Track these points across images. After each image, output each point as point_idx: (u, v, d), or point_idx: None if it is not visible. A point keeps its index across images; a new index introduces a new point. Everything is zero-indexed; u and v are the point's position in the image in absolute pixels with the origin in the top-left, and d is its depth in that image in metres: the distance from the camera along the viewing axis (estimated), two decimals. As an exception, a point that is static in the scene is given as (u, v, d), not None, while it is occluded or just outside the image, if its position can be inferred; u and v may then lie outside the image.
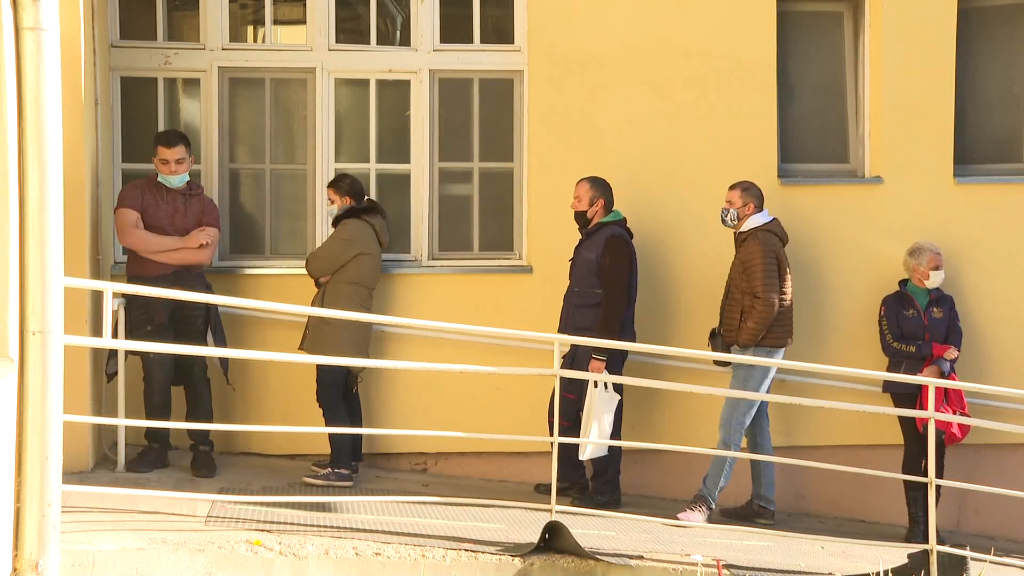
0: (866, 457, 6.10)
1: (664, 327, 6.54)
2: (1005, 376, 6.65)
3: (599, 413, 5.71)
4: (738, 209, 6.17)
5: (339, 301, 5.84)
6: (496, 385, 6.43)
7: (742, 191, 6.17)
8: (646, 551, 4.97)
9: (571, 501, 5.92)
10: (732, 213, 6.18)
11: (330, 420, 5.96)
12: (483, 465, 6.52)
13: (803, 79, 6.98)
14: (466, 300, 6.55)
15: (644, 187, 6.56)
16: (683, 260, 6.63)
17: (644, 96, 6.65)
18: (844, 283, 6.75)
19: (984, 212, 6.87)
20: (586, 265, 6.08)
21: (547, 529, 4.78)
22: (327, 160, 6.64)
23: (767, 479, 6.21)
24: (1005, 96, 7.09)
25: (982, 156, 7.04)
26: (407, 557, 4.56)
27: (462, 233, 6.82)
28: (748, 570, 4.72)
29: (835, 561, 5.10)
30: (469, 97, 6.78)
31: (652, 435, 6.29)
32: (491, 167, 6.84)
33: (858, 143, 6.96)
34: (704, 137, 6.66)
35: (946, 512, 6.36)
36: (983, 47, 7.04)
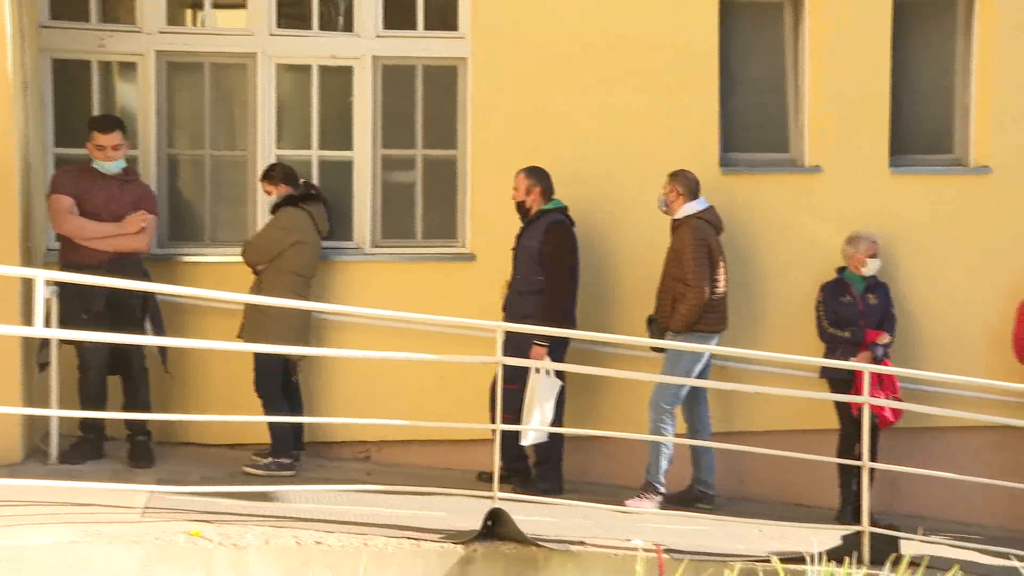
0: (804, 441, 6.18)
1: (607, 314, 6.58)
2: (937, 361, 6.81)
3: (541, 399, 5.75)
4: (666, 195, 6.25)
5: (276, 289, 5.79)
6: (439, 373, 6.42)
7: (671, 179, 6.26)
8: (588, 537, 5.00)
9: (514, 488, 5.94)
10: (663, 201, 6.29)
11: (269, 409, 5.91)
12: (426, 453, 6.51)
13: (745, 70, 7.05)
14: (409, 288, 6.53)
15: (587, 176, 6.59)
16: (625, 248, 6.67)
17: (587, 85, 6.67)
18: (783, 270, 6.86)
19: (918, 201, 7.01)
20: (528, 253, 6.10)
21: (489, 516, 4.79)
22: (268, 147, 6.56)
23: (707, 464, 6.30)
24: (938, 89, 7.23)
25: (916, 147, 7.18)
26: (349, 546, 4.54)
27: (405, 221, 6.79)
28: (688, 554, 4.77)
29: (773, 544, 5.17)
30: (412, 84, 6.74)
31: (595, 422, 6.33)
32: (434, 155, 6.81)
33: (798, 133, 7.06)
34: (647, 126, 6.70)
35: (879, 494, 6.49)
36: (917, 41, 7.18)
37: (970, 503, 6.85)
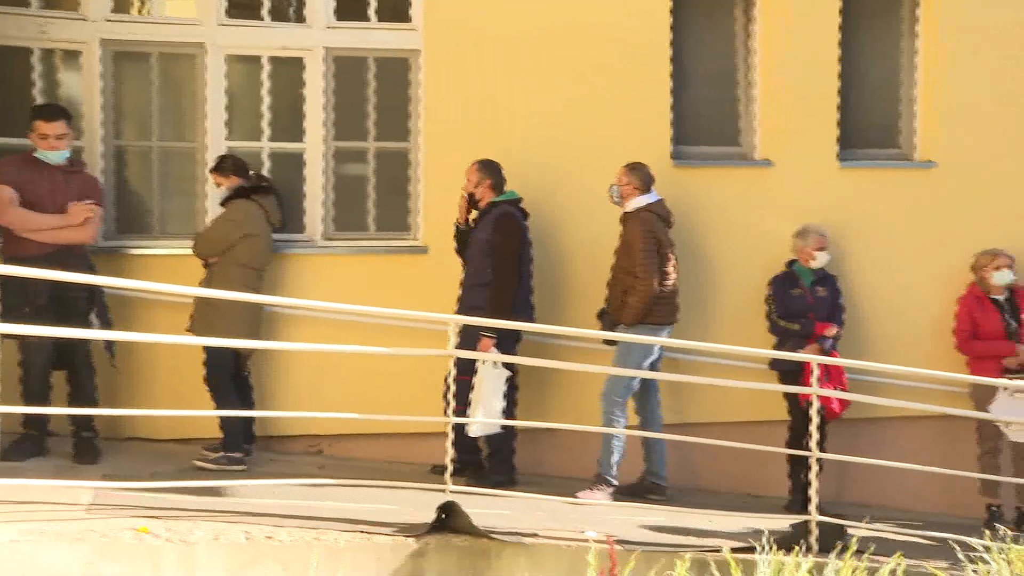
0: (754, 433, 6.27)
1: (558, 307, 6.59)
2: (883, 352, 6.91)
3: (488, 391, 5.75)
4: (621, 187, 6.27)
5: (227, 282, 5.72)
6: (392, 366, 6.39)
7: (628, 171, 6.28)
8: (540, 529, 5.01)
9: (466, 481, 5.93)
10: (616, 190, 6.29)
11: (220, 403, 5.85)
12: (379, 447, 6.48)
13: (697, 64, 7.10)
14: (361, 281, 6.50)
15: (540, 168, 6.59)
16: (576, 240, 6.69)
17: (540, 77, 6.68)
18: (734, 263, 6.92)
19: (866, 195, 7.12)
20: (478, 245, 6.10)
21: (442, 509, 4.78)
22: (218, 138, 6.47)
23: (658, 456, 6.34)
24: (885, 84, 7.34)
25: (864, 141, 7.29)
26: (300, 540, 4.50)
27: (357, 213, 6.75)
28: (640, 545, 4.79)
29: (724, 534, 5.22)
30: (365, 76, 6.70)
31: (548, 415, 6.35)
32: (387, 147, 6.77)
33: (748, 127, 7.12)
34: (599, 119, 6.72)
35: (827, 483, 6.58)
36: (864, 37, 7.28)
37: (914, 491, 6.97)
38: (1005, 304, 6.85)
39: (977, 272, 6.92)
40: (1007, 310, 6.84)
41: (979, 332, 6.84)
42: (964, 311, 6.91)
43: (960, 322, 6.92)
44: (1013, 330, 6.78)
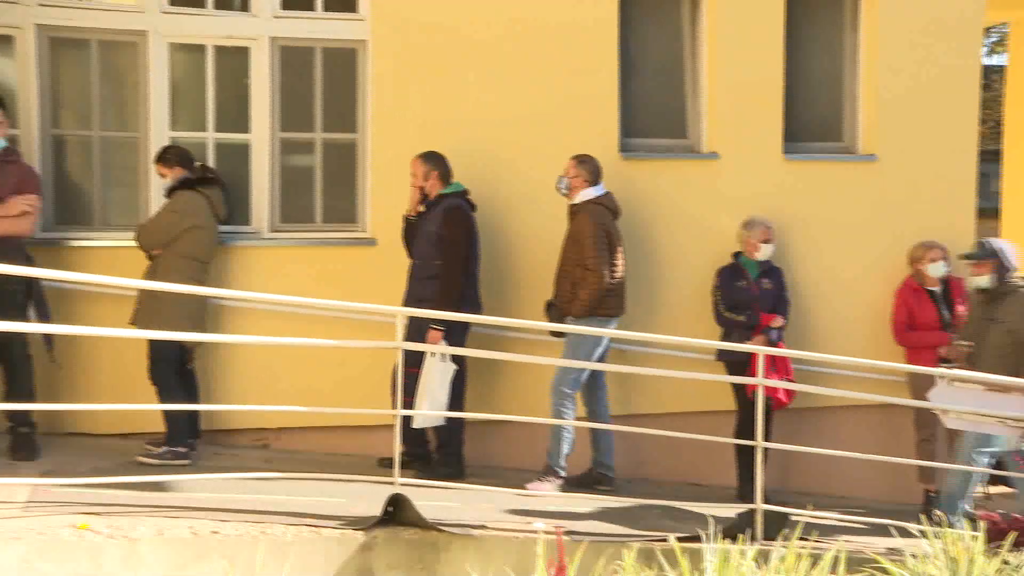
0: (702, 423, 6.31)
1: (506, 299, 6.60)
2: (827, 343, 7.02)
3: (434, 383, 5.74)
4: (570, 179, 6.28)
5: (171, 275, 5.64)
6: (340, 359, 6.35)
7: (577, 163, 6.29)
8: (489, 521, 5.01)
9: (415, 474, 5.91)
10: (564, 182, 6.30)
11: (164, 397, 5.77)
12: (326, 439, 6.43)
13: (644, 56, 7.13)
14: (308, 273, 6.44)
15: (488, 159, 6.58)
16: (524, 232, 6.69)
17: (488, 68, 6.66)
18: (681, 255, 6.97)
19: (810, 188, 7.21)
20: (426, 237, 6.08)
21: (390, 502, 4.76)
22: (161, 128, 6.37)
23: (606, 447, 6.38)
24: (829, 78, 7.44)
25: (809, 134, 7.37)
26: (246, 534, 4.46)
27: (304, 205, 6.69)
28: (588, 536, 4.82)
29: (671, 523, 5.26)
30: (311, 66, 6.63)
31: (496, 406, 6.35)
32: (334, 138, 6.72)
33: (696, 120, 7.17)
34: (547, 110, 6.73)
35: (773, 472, 6.66)
36: (809, 31, 7.37)
37: (856, 478, 7.09)
38: (940, 295, 6.98)
39: (913, 264, 7.05)
40: (942, 301, 6.97)
41: (915, 323, 6.97)
42: (900, 302, 7.04)
43: (897, 313, 7.05)
44: (948, 321, 6.92)
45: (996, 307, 6.08)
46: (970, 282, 6.34)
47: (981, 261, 6.15)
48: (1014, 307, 6.04)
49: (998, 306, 6.08)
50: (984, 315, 6.13)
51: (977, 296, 6.27)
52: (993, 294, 6.12)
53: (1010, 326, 6.00)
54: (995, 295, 6.11)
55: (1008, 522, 4.39)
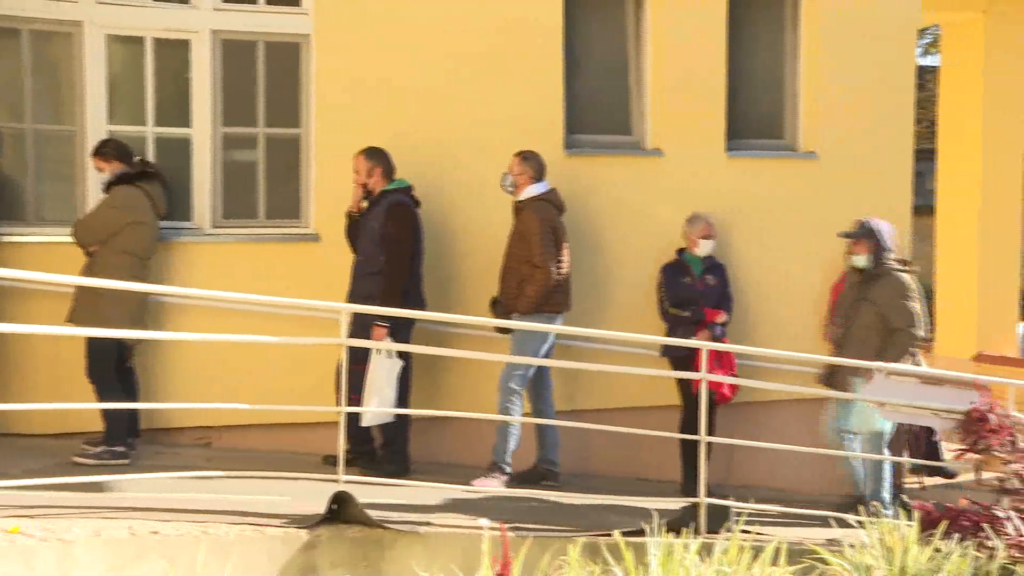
0: (647, 418, 6.37)
1: (451, 295, 6.58)
2: (770, 338, 7.11)
3: (381, 379, 5.72)
4: (515, 176, 6.29)
5: (110, 271, 5.54)
6: (284, 356, 6.29)
7: (521, 160, 6.30)
8: (434, 518, 5.00)
9: (360, 471, 5.87)
10: (509, 179, 6.31)
11: (103, 395, 5.66)
12: (270, 437, 6.37)
13: (589, 53, 7.16)
14: (251, 269, 6.37)
15: (432, 155, 6.57)
16: (469, 228, 6.69)
17: (433, 63, 6.64)
18: (627, 251, 7.02)
19: (752, 185, 7.30)
20: (370, 233, 6.06)
21: (334, 500, 4.73)
22: (98, 122, 6.25)
23: (551, 442, 6.40)
24: (771, 77, 7.54)
25: (751, 132, 7.47)
26: (187, 534, 4.39)
27: (247, 200, 6.61)
28: (533, 531, 4.82)
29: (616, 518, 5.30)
30: (254, 60, 6.55)
31: (442, 403, 6.34)
32: (277, 133, 6.65)
33: (640, 117, 7.22)
34: (492, 106, 6.73)
35: (717, 466, 6.72)
36: (751, 30, 7.47)
37: (798, 471, 7.20)
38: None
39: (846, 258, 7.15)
40: None
41: None
42: (837, 296, 7.15)
43: (830, 308, 7.16)
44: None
45: (869, 288, 6.19)
46: (848, 261, 6.41)
47: (859, 240, 6.24)
48: (886, 289, 6.14)
49: (871, 287, 6.18)
50: (858, 295, 6.22)
51: (853, 276, 6.35)
52: (868, 275, 6.22)
53: (880, 308, 6.11)
54: (870, 276, 6.21)
55: (940, 512, 4.49)
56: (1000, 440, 5.09)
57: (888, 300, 6.15)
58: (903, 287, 6.20)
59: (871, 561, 4.03)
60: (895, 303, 6.15)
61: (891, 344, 6.12)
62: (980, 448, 5.17)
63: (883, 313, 6.13)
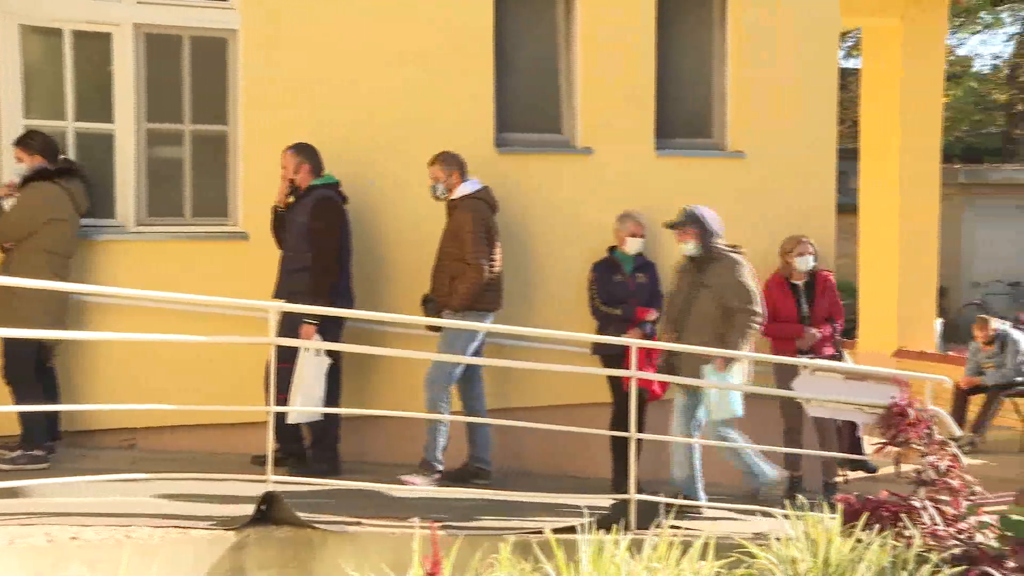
0: (579, 416, 6.37)
1: (381, 293, 6.54)
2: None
3: (309, 378, 5.67)
4: (443, 182, 6.26)
5: (28, 269, 5.40)
6: (211, 355, 6.19)
7: (443, 164, 6.25)
8: (365, 517, 4.97)
9: (289, 471, 5.82)
10: (440, 187, 6.28)
11: (21, 397, 5.52)
12: (198, 438, 6.26)
13: (520, 51, 7.18)
14: (178, 268, 6.26)
15: (361, 152, 6.52)
16: (399, 226, 6.65)
17: (363, 61, 6.59)
18: (557, 249, 7.04)
19: (682, 183, 7.37)
20: (297, 230, 6.00)
21: (263, 500, 4.67)
22: (13, 115, 6.08)
23: (482, 441, 6.39)
24: (699, 76, 7.64)
25: (680, 131, 7.56)
26: (109, 539, 4.29)
27: (173, 198, 6.49)
28: (464, 529, 4.82)
29: (547, 516, 5.32)
30: (179, 55, 6.43)
31: (372, 401, 6.30)
32: (204, 129, 6.54)
33: (570, 115, 7.25)
34: (423, 104, 6.70)
35: (647, 463, 6.79)
36: (679, 30, 7.55)
37: (727, 466, 7.29)
38: (802, 289, 7.22)
39: (782, 256, 7.29)
40: (803, 294, 7.21)
41: (777, 315, 7.21)
42: (766, 294, 7.28)
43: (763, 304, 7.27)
44: (805, 314, 7.17)
45: (704, 274, 6.15)
46: (679, 250, 6.31)
47: (685, 228, 6.16)
48: (720, 271, 6.11)
49: (705, 273, 6.14)
50: (693, 282, 6.18)
51: (686, 264, 6.30)
52: (700, 261, 6.15)
53: (716, 292, 6.06)
54: (702, 262, 6.15)
55: (862, 504, 4.59)
56: (918, 433, 5.22)
57: (722, 282, 6.09)
58: (736, 267, 6.12)
59: (796, 553, 4.10)
60: (730, 283, 6.07)
61: (731, 327, 6.05)
62: (899, 441, 5.29)
63: (719, 296, 6.08)
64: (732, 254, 6.20)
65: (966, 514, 4.65)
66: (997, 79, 24.89)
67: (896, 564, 4.05)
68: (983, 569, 4.15)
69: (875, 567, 3.98)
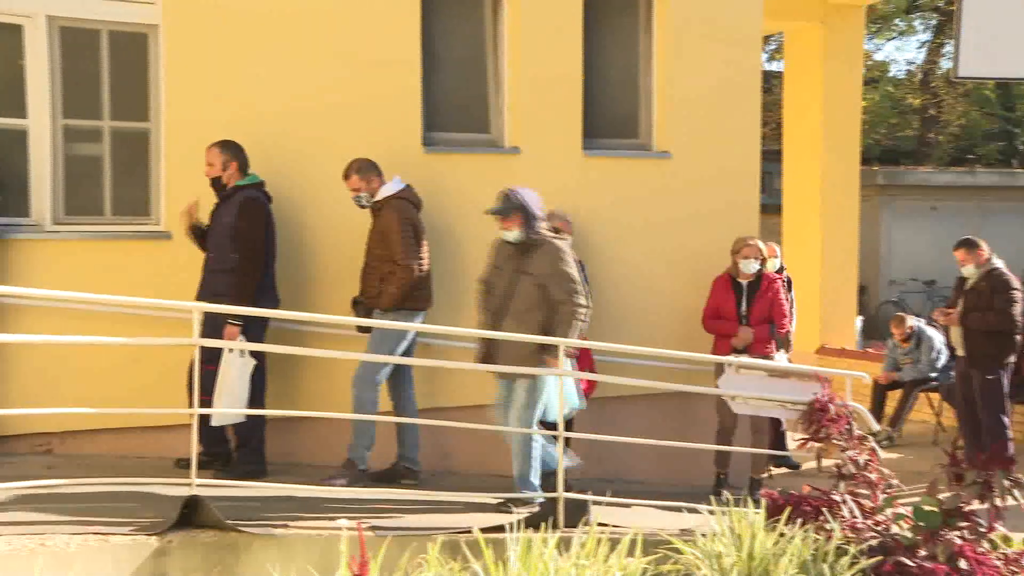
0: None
1: (306, 293, 6.46)
2: (626, 333, 7.27)
3: (233, 379, 5.58)
4: (365, 190, 6.20)
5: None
6: (134, 357, 6.06)
7: (359, 173, 6.15)
8: (291, 519, 4.91)
9: (214, 474, 5.72)
10: (364, 196, 6.21)
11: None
12: (119, 442, 6.12)
13: (447, 50, 7.15)
14: (98, 268, 6.11)
15: (286, 151, 6.44)
16: (325, 226, 6.58)
17: (288, 58, 6.51)
18: (485, 248, 6.96)
19: (608, 183, 7.44)
20: (222, 230, 5.90)
21: (186, 504, 4.58)
22: (-81, 110, 5.88)
23: (411, 441, 6.36)
24: (626, 77, 7.70)
25: (607, 131, 7.61)
26: (22, 548, 4.16)
27: (92, 196, 6.34)
28: (392, 530, 4.80)
29: (476, 516, 5.31)
30: (97, 49, 6.28)
31: (299, 403, 6.23)
32: (124, 126, 6.39)
33: (498, 115, 7.26)
34: (349, 102, 6.64)
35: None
36: (606, 31, 7.61)
37: (656, 463, 7.38)
38: (745, 288, 7.33)
39: (732, 255, 7.38)
40: (744, 294, 7.32)
41: (720, 313, 7.33)
42: (712, 292, 7.38)
43: (708, 301, 7.38)
44: (743, 313, 7.29)
45: (526, 260, 5.86)
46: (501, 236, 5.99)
47: (509, 216, 5.88)
48: (543, 259, 5.83)
49: (528, 259, 5.86)
50: (515, 268, 5.88)
51: (507, 250, 5.98)
52: (522, 247, 5.87)
53: (539, 279, 5.81)
54: (524, 248, 5.87)
55: (785, 499, 4.68)
56: (839, 429, 5.35)
57: (545, 270, 5.81)
58: (559, 254, 5.85)
59: (722, 548, 4.16)
60: (553, 272, 5.81)
61: (559, 321, 5.79)
62: (821, 437, 5.41)
63: (543, 284, 5.80)
64: (555, 240, 5.94)
65: (883, 506, 4.77)
66: (912, 84, 25.65)
67: (817, 557, 4.14)
68: (897, 559, 4.27)
69: (797, 560, 4.06)
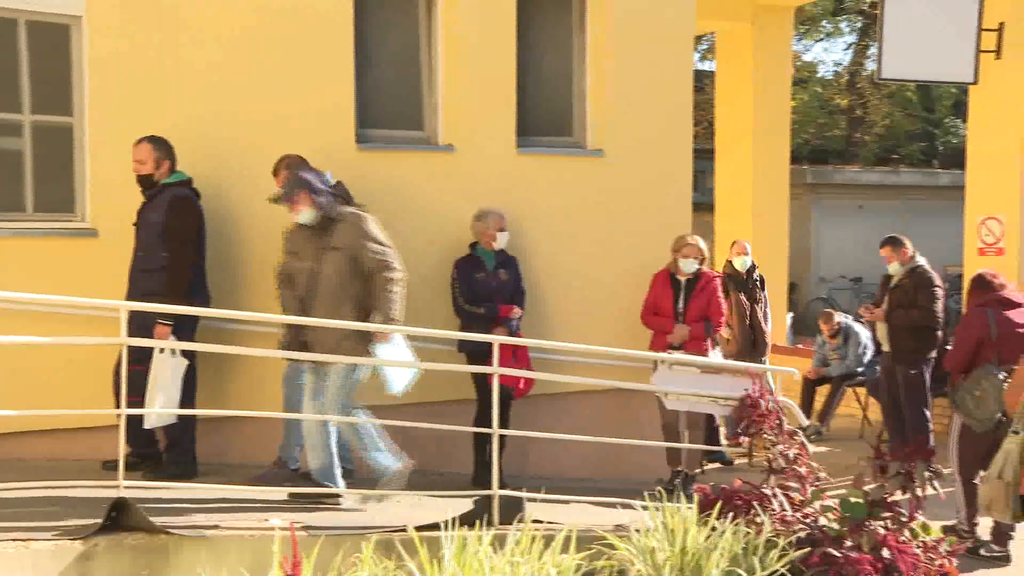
0: (444, 413, 6.38)
1: (236, 292, 6.36)
2: (562, 330, 7.30)
3: (165, 379, 5.48)
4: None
5: None
6: (60, 357, 5.91)
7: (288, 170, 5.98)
8: (222, 520, 4.84)
9: (143, 475, 5.61)
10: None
11: None
12: (45, 444, 5.95)
13: (381, 47, 7.11)
14: (19, 267, 5.95)
15: (215, 147, 6.33)
16: (254, 224, 6.46)
17: (218, 51, 6.40)
18: (420, 246, 6.99)
19: (542, 180, 7.46)
20: (151, 228, 5.78)
21: (114, 507, 4.48)
22: None
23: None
24: (560, 75, 7.73)
25: (541, 129, 7.64)
26: (-63, 557, 4.04)
27: (12, 193, 6.16)
28: (326, 529, 4.76)
29: (411, 513, 5.29)
30: (15, 40, 6.10)
31: (229, 403, 6.14)
32: (46, 121, 6.22)
33: (432, 112, 7.23)
34: (281, 98, 6.56)
35: (513, 459, 6.85)
36: (541, 29, 7.63)
37: (594, 460, 7.42)
38: (683, 285, 7.40)
39: (672, 252, 7.44)
40: (682, 291, 7.39)
41: (658, 309, 7.40)
42: (651, 287, 7.44)
43: (647, 297, 7.44)
44: (680, 310, 7.36)
45: (328, 236, 5.62)
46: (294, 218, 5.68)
47: (293, 196, 5.59)
48: (348, 230, 5.62)
49: (330, 235, 5.62)
50: (319, 247, 5.63)
51: (303, 233, 5.70)
52: (321, 225, 5.63)
53: (347, 251, 5.58)
54: (324, 225, 5.62)
55: (716, 494, 4.75)
56: (770, 424, 5.44)
57: (351, 241, 5.60)
58: (362, 222, 5.67)
59: (655, 544, 4.21)
60: (359, 243, 5.60)
61: (377, 296, 5.59)
62: (752, 432, 5.50)
63: (353, 257, 5.59)
64: (356, 211, 5.71)
65: (811, 499, 4.87)
66: (839, 85, 26.20)
67: (748, 550, 4.21)
68: (824, 550, 4.36)
69: (728, 554, 4.12)
